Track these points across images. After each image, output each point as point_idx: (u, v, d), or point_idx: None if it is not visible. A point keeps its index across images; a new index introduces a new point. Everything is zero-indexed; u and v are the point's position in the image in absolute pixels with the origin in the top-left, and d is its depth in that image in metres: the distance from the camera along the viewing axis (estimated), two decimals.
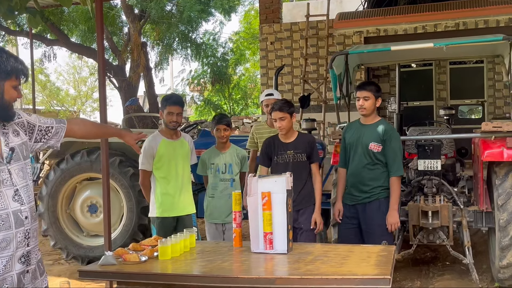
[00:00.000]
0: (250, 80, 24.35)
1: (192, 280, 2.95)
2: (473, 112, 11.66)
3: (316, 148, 4.42)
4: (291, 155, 4.34)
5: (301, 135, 4.46)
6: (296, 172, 4.25)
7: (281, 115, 4.27)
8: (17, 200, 2.23)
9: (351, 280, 2.70)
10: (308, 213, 4.35)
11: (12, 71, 2.22)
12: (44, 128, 2.45)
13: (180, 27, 16.55)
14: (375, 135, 4.33)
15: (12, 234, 2.20)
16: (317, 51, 10.44)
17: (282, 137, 4.38)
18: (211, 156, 4.95)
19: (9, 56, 2.24)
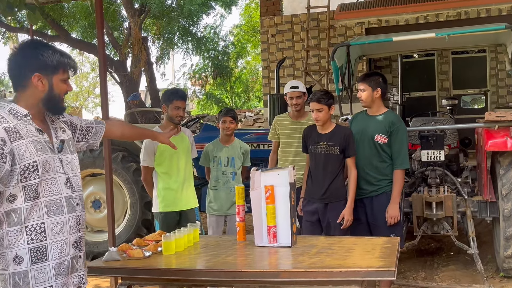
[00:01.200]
0: (251, 73, 24.30)
1: (197, 275, 2.95)
2: (476, 102, 11.63)
3: (352, 142, 4.28)
4: (323, 146, 4.27)
5: (338, 127, 4.36)
6: (327, 164, 4.26)
7: (319, 106, 4.21)
8: (68, 187, 2.34)
9: (355, 273, 2.70)
10: (338, 208, 4.23)
11: (59, 65, 2.32)
12: (85, 128, 2.58)
13: (181, 21, 16.51)
14: (381, 126, 4.28)
15: (65, 218, 2.31)
16: (318, 43, 10.40)
17: (319, 128, 4.33)
18: (214, 148, 4.96)
19: (54, 51, 2.33)
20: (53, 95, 2.33)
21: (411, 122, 6.80)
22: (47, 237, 2.24)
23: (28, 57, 2.28)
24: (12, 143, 2.16)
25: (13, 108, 2.27)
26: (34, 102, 2.31)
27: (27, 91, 2.30)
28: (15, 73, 2.30)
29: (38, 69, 2.28)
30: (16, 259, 2.19)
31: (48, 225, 2.25)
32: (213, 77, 20.39)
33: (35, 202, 2.22)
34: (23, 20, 13.93)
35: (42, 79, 2.29)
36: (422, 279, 5.24)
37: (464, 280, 5.11)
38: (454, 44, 7.08)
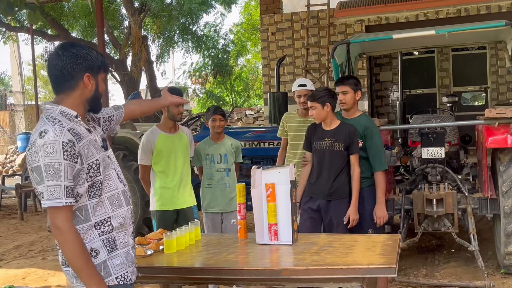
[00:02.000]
0: (251, 71, 24.31)
1: (198, 273, 2.96)
2: (476, 99, 11.62)
3: (356, 139, 4.29)
4: (328, 143, 4.27)
5: (342, 124, 4.35)
6: (332, 161, 4.26)
7: (311, 104, 4.26)
8: (121, 181, 2.44)
9: (356, 270, 2.71)
10: (340, 206, 4.24)
11: (102, 65, 2.40)
12: (107, 119, 2.63)
13: (181, 19, 16.52)
14: None
15: (125, 211, 2.41)
16: (318, 40, 10.40)
17: (324, 124, 4.33)
18: (205, 147, 4.94)
19: (97, 52, 2.42)
20: (98, 94, 2.40)
21: (411, 119, 6.81)
22: (114, 230, 2.33)
23: (80, 57, 2.31)
24: (78, 143, 2.22)
25: (62, 110, 2.29)
26: (81, 102, 2.35)
27: (76, 92, 2.33)
28: (64, 74, 2.30)
29: (88, 69, 2.32)
30: (92, 253, 2.27)
31: (114, 220, 2.34)
32: (213, 76, 20.41)
33: (99, 199, 2.30)
34: (23, 20, 13.95)
35: (91, 79, 2.34)
36: (423, 276, 5.25)
37: (465, 277, 5.12)
38: (454, 41, 7.08)
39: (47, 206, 2.16)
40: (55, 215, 2.17)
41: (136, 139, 6.44)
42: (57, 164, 2.15)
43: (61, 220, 2.17)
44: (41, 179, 2.16)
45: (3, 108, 22.98)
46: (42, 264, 6.42)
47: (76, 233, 2.20)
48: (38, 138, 2.18)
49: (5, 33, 15.58)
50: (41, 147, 2.16)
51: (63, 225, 2.17)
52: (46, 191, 2.15)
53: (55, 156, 2.15)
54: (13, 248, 7.46)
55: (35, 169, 2.18)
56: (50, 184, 2.14)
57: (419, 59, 11.51)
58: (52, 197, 2.15)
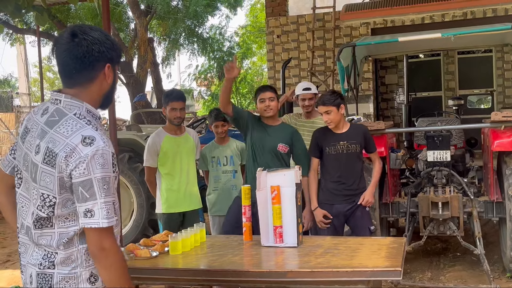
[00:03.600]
0: (257, 74, 24.34)
1: (203, 275, 2.96)
2: (482, 102, 11.58)
3: (371, 138, 4.34)
4: (344, 146, 4.22)
5: (354, 126, 4.35)
6: (349, 164, 4.23)
7: (326, 108, 4.16)
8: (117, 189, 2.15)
9: (362, 273, 2.70)
10: (361, 212, 4.21)
11: (120, 55, 2.07)
12: None
13: (187, 22, 16.55)
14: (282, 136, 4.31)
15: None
16: (324, 43, 10.40)
17: (335, 128, 4.25)
18: (211, 150, 4.96)
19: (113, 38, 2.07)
20: (113, 89, 2.07)
21: (417, 122, 6.80)
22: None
23: (102, 44, 1.94)
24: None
25: (88, 109, 1.96)
26: (98, 97, 2.01)
27: (95, 85, 1.97)
28: (84, 63, 1.92)
29: (110, 58, 1.98)
30: (91, 278, 1.95)
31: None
32: (218, 78, 20.43)
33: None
34: (30, 22, 14.02)
35: (111, 70, 1.99)
36: (428, 279, 5.24)
37: (471, 280, 5.10)
38: (460, 44, 7.07)
39: (105, 226, 1.83)
40: (105, 236, 1.85)
41: (142, 141, 6.46)
42: (108, 178, 1.85)
43: (111, 241, 1.86)
44: (91, 194, 1.82)
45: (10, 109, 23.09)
46: None
47: (123, 255, 1.94)
48: (81, 145, 1.83)
49: (12, 35, 15.66)
50: (92, 157, 1.82)
51: (114, 247, 1.87)
52: (102, 209, 1.82)
53: (107, 168, 1.85)
54: None
55: (83, 183, 1.82)
56: (107, 201, 1.84)
57: (425, 62, 11.48)
58: (108, 215, 1.84)
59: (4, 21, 12.29)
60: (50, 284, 1.90)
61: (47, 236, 1.89)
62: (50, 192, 1.88)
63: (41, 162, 1.88)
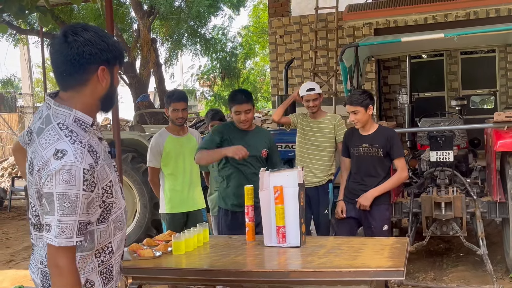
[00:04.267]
0: (259, 74, 24.34)
1: (206, 274, 2.97)
2: (485, 102, 11.56)
3: (397, 143, 4.17)
4: (366, 148, 4.16)
5: (381, 128, 4.24)
6: (370, 167, 4.17)
7: (353, 108, 4.10)
8: (123, 196, 2.08)
9: (365, 273, 2.71)
10: (378, 214, 4.18)
11: (119, 55, 1.95)
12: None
13: (189, 22, 16.57)
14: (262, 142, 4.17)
15: (124, 232, 2.07)
16: (326, 43, 10.39)
17: (361, 129, 4.20)
18: None
19: (114, 39, 1.97)
20: (113, 90, 1.97)
21: (420, 122, 6.80)
22: (114, 255, 2.00)
23: (94, 45, 1.84)
24: (96, 167, 1.83)
25: (77, 117, 1.87)
26: (93, 102, 1.92)
27: (87, 88, 1.88)
28: (74, 65, 1.83)
29: (104, 60, 1.87)
30: (87, 284, 1.92)
31: (114, 243, 1.99)
32: (221, 78, 20.44)
33: (107, 223, 1.95)
34: (33, 23, 14.06)
35: (106, 73, 1.89)
36: (431, 280, 5.23)
37: (474, 281, 5.10)
38: (463, 44, 7.07)
39: (56, 245, 1.75)
40: (59, 254, 1.77)
41: (145, 141, 6.47)
42: (74, 196, 1.75)
43: (65, 261, 1.77)
44: (51, 209, 1.76)
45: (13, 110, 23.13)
46: None
47: (78, 277, 1.82)
48: (53, 159, 1.76)
49: (16, 36, 15.70)
50: (58, 172, 1.74)
51: (67, 267, 1.78)
52: (57, 226, 1.75)
53: (73, 186, 1.75)
54: (23, 249, 7.50)
55: (46, 195, 1.77)
56: (63, 220, 1.75)
57: (428, 62, 11.47)
58: (62, 235, 1.75)
59: (8, 21, 12.32)
60: (49, 284, 1.88)
61: (44, 240, 1.85)
62: (34, 202, 1.87)
63: (27, 172, 1.90)
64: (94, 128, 1.93)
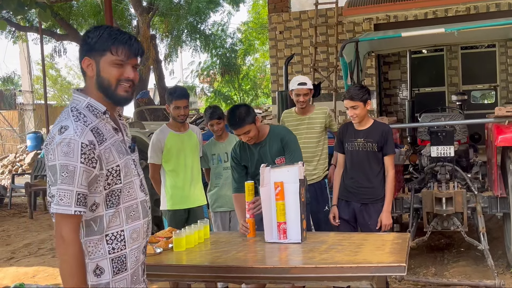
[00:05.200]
0: (259, 70, 24.32)
1: (207, 271, 2.97)
2: (486, 97, 11.55)
3: (391, 139, 4.12)
4: (361, 143, 4.12)
5: (376, 123, 4.19)
6: (365, 162, 4.12)
7: (353, 103, 4.04)
8: (143, 190, 2.19)
9: (366, 268, 2.70)
10: (377, 209, 4.11)
11: (106, 45, 2.06)
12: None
13: (189, 18, 16.56)
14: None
15: (141, 224, 2.15)
16: (326, 39, 10.37)
17: (356, 124, 4.16)
18: (211, 147, 4.92)
19: (104, 31, 2.07)
20: (101, 81, 2.06)
21: (420, 117, 6.79)
22: (126, 245, 2.08)
23: (83, 40, 2.09)
24: (99, 146, 1.98)
25: (90, 103, 2.06)
26: (94, 91, 2.08)
27: (86, 81, 2.10)
28: (80, 60, 2.10)
29: (86, 52, 2.06)
30: (97, 271, 2.02)
31: (127, 233, 2.08)
32: (221, 75, 20.44)
33: (116, 209, 2.06)
34: (32, 19, 14.04)
35: (91, 63, 2.06)
36: (432, 275, 5.23)
37: (475, 275, 5.10)
38: (464, 39, 7.06)
39: (54, 212, 1.92)
40: (61, 223, 1.92)
41: (145, 138, 6.45)
42: (72, 167, 1.91)
43: (67, 230, 1.91)
44: (54, 180, 1.93)
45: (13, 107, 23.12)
46: (52, 262, 6.46)
47: (80, 248, 1.95)
48: (57, 134, 1.95)
49: (15, 33, 15.67)
50: (59, 144, 1.92)
51: (69, 236, 1.91)
52: (57, 194, 1.92)
53: (71, 157, 1.91)
54: (23, 246, 7.51)
55: (50, 168, 1.94)
56: (61, 188, 1.91)
57: (428, 57, 11.45)
58: (60, 202, 1.91)
59: (7, 18, 12.29)
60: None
61: None
62: (49, 180, 1.99)
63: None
64: (107, 117, 2.08)
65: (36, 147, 16.28)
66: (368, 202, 4.13)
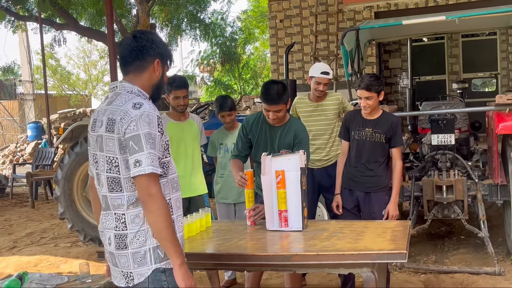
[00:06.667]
0: (259, 59, 24.23)
1: (209, 259, 2.99)
2: (487, 85, 11.53)
3: (399, 131, 4.10)
4: (368, 133, 4.08)
5: (385, 114, 4.15)
6: (371, 152, 4.10)
7: (368, 94, 3.97)
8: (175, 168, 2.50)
9: (367, 255, 2.72)
10: (380, 198, 4.10)
11: (169, 57, 2.47)
12: None
13: (188, 7, 16.47)
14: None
15: (180, 195, 2.48)
16: (327, 27, 10.34)
17: (365, 113, 4.12)
18: (219, 136, 4.91)
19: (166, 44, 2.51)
20: (162, 83, 2.47)
21: (421, 106, 6.78)
22: (173, 212, 2.37)
23: (154, 43, 2.38)
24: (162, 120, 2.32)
25: (139, 89, 2.37)
26: (148, 86, 2.41)
27: (144, 74, 2.39)
28: (137, 54, 2.36)
29: (159, 55, 2.40)
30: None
31: (173, 201, 2.39)
32: (221, 64, 20.35)
33: (167, 179, 2.37)
34: (31, 9, 13.97)
35: (159, 66, 2.41)
36: (432, 263, 5.26)
37: (475, 263, 5.12)
38: (465, 27, 7.04)
39: (150, 171, 2.18)
40: (151, 183, 2.20)
41: None
42: (154, 135, 2.23)
43: (157, 188, 2.21)
44: (139, 147, 2.20)
45: (13, 97, 23.09)
46: (54, 251, 6.49)
47: (166, 202, 2.26)
48: (132, 109, 2.24)
49: (14, 22, 15.59)
50: (140, 117, 2.22)
51: (159, 193, 2.21)
52: (148, 158, 2.19)
53: (153, 126, 2.24)
54: (25, 235, 7.54)
55: (133, 138, 2.21)
56: (151, 152, 2.20)
57: (429, 46, 11.42)
58: (153, 163, 2.19)
59: (6, 8, 12.24)
60: (125, 243, 2.28)
61: (118, 198, 2.30)
62: (113, 154, 2.27)
63: (105, 131, 2.29)
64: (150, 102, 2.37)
65: (36, 137, 16.28)
66: (372, 191, 4.11)
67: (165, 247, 2.24)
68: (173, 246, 2.23)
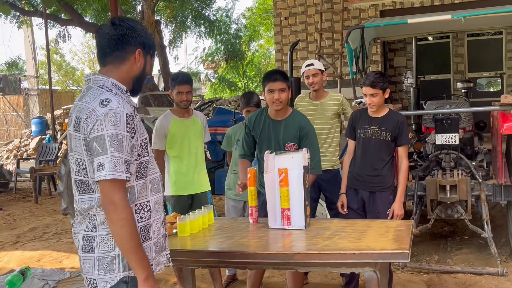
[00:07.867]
0: (264, 56, 24.24)
1: (211, 256, 2.98)
2: (492, 85, 11.48)
3: (406, 130, 4.07)
4: (374, 131, 4.07)
5: (391, 112, 4.13)
6: (377, 150, 4.08)
7: (373, 91, 3.96)
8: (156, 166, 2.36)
9: (369, 255, 2.71)
10: (382, 199, 4.08)
11: (152, 47, 2.29)
12: None
13: (193, 4, 16.47)
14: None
15: (161, 197, 2.32)
16: (332, 25, 10.32)
17: (371, 111, 4.10)
18: (237, 132, 4.87)
19: (149, 34, 2.32)
20: (143, 75, 2.28)
21: (425, 105, 6.76)
22: (151, 215, 2.23)
23: (136, 31, 2.20)
24: (135, 118, 2.12)
25: (114, 82, 2.18)
26: (128, 78, 2.23)
27: (124, 66, 2.21)
28: (117, 44, 2.18)
29: (141, 44, 2.21)
30: None
31: (152, 204, 2.23)
32: (225, 61, 20.37)
33: (145, 180, 2.20)
34: (37, 4, 13.99)
35: (141, 56, 2.23)
36: (435, 262, 5.25)
37: (478, 263, 5.11)
38: (470, 26, 7.01)
39: (110, 178, 1.99)
40: (114, 190, 2.01)
41: (149, 124, 6.46)
42: (120, 136, 2.03)
43: (120, 196, 2.02)
44: (103, 149, 2.01)
45: (18, 92, 23.16)
46: (57, 247, 6.51)
47: (132, 212, 2.07)
48: (99, 107, 2.04)
49: (19, 18, 15.62)
50: (105, 115, 2.02)
51: (122, 202, 2.02)
52: (110, 162, 2.00)
53: (119, 127, 2.03)
54: (28, 230, 7.56)
55: (97, 138, 2.02)
56: (114, 155, 2.01)
57: (434, 44, 11.38)
58: (115, 169, 2.00)
59: (11, 3, 12.26)
60: (92, 245, 2.12)
61: (89, 200, 2.13)
62: (80, 156, 2.11)
63: (72, 130, 2.13)
64: (128, 96, 2.22)
65: (40, 132, 16.32)
66: (376, 191, 4.09)
67: (128, 259, 2.06)
68: (136, 259, 2.04)
